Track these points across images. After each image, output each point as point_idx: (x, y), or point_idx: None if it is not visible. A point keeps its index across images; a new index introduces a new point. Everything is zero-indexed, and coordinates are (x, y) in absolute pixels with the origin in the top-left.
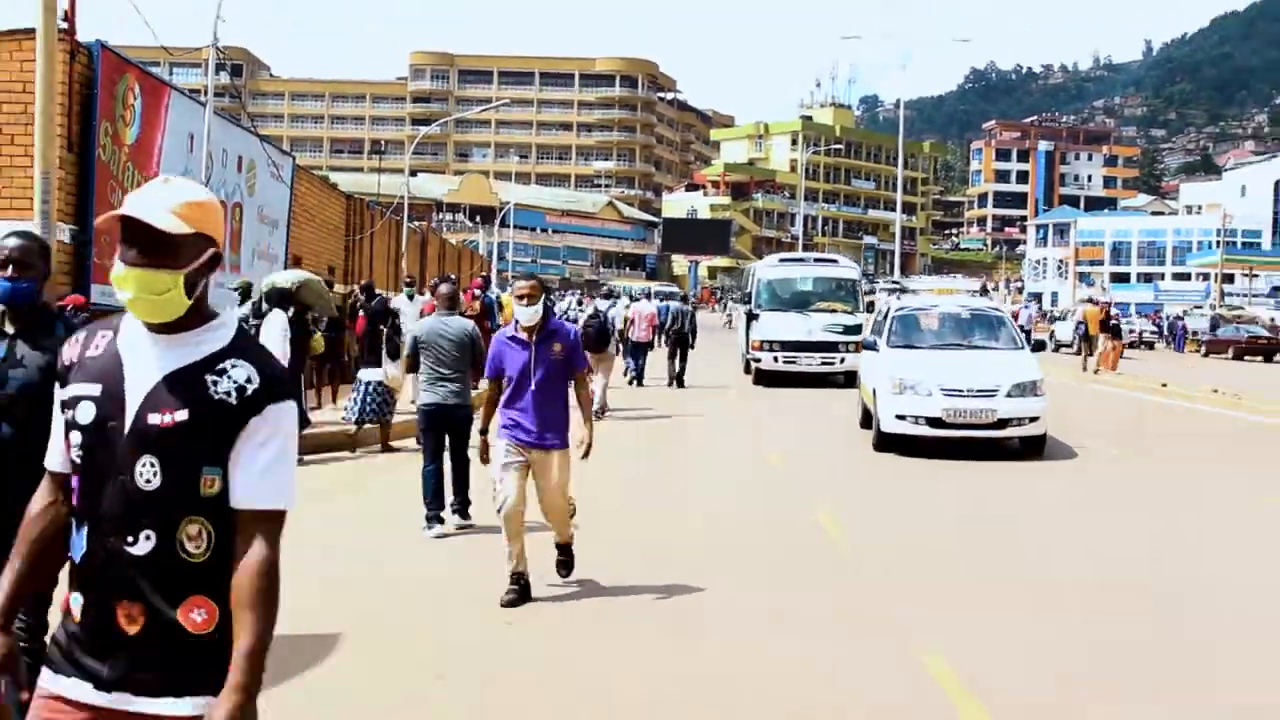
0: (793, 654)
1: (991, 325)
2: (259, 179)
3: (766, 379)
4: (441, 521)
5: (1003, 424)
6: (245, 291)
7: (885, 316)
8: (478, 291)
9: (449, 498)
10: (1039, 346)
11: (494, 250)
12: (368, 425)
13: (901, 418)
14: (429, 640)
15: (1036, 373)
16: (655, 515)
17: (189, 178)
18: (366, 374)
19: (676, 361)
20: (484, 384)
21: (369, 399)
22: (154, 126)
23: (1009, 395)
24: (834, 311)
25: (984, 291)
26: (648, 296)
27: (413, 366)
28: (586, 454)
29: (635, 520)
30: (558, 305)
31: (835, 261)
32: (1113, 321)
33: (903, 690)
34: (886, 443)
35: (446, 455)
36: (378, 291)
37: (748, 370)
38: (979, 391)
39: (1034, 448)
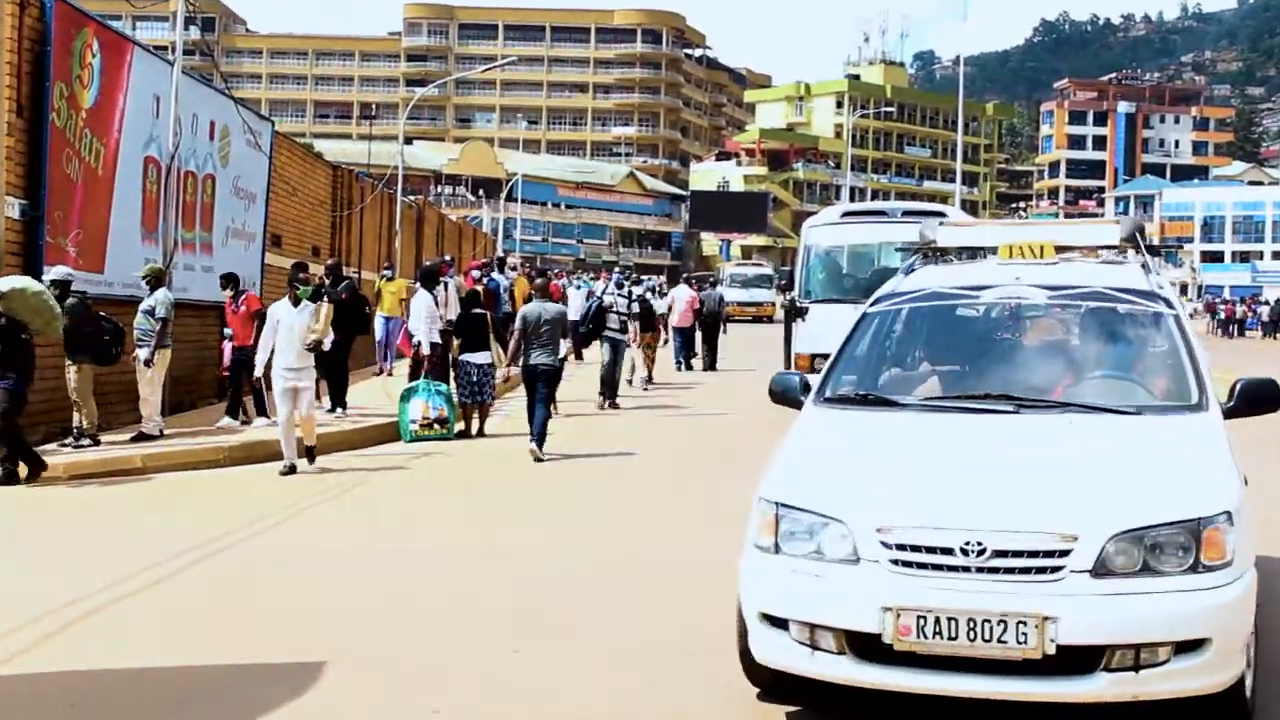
0: None
1: (1131, 345)
2: (234, 147)
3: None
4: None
5: (1074, 661)
6: (158, 278)
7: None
8: (477, 273)
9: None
10: None
11: (499, 227)
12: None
13: (778, 624)
14: (429, 664)
15: (1216, 493)
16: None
17: (155, 144)
18: (472, 357)
19: (705, 347)
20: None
21: (477, 381)
22: (115, 88)
23: (1103, 569)
24: None
25: (1136, 242)
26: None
27: (520, 341)
28: None
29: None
30: (595, 286)
31: (940, 214)
32: None
33: None
34: (761, 678)
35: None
36: (348, 273)
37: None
38: (1007, 553)
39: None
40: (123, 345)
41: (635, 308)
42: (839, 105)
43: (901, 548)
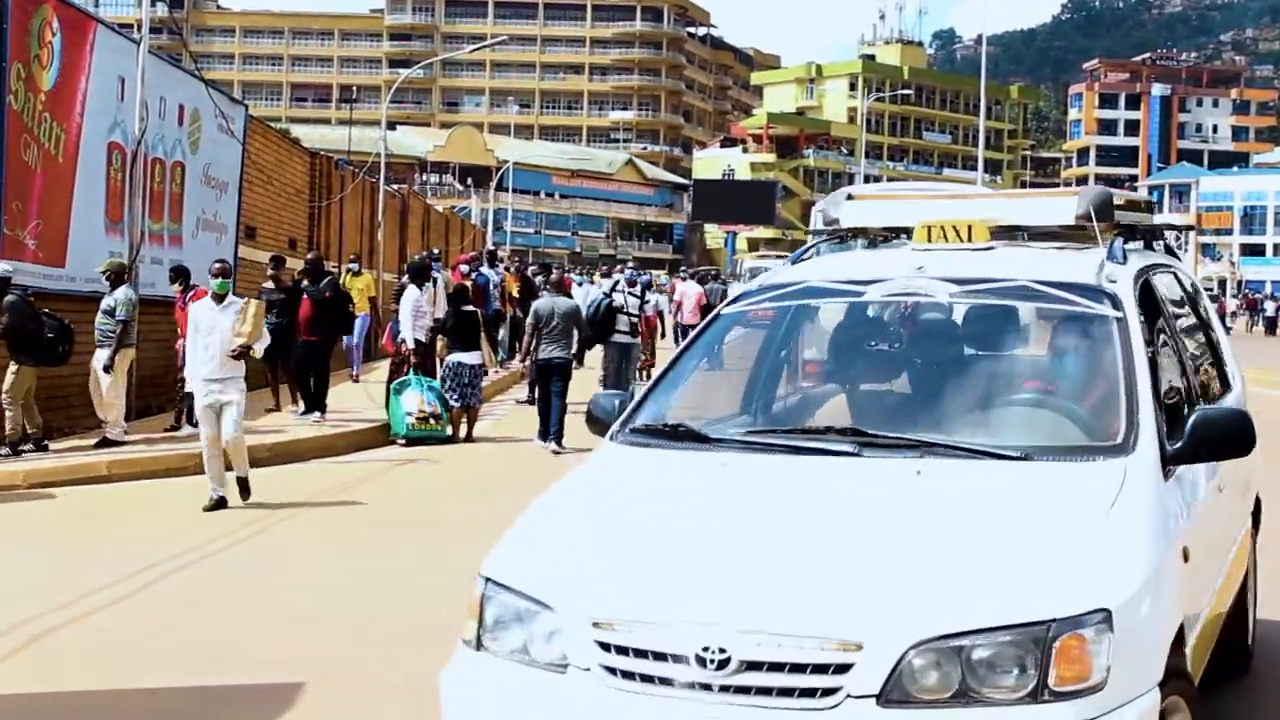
0: None
1: (1051, 359)
2: (204, 133)
3: None
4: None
5: None
6: (118, 274)
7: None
8: (465, 268)
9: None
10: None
11: (489, 219)
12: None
13: None
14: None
15: (1091, 583)
16: None
17: (120, 129)
18: (460, 356)
19: None
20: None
21: (469, 382)
22: (77, 69)
23: (897, 694)
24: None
25: (1100, 220)
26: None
27: (534, 336)
28: None
29: None
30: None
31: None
32: None
33: None
34: None
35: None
36: (330, 268)
37: None
38: (760, 665)
39: None
40: (70, 345)
41: (648, 309)
42: (852, 88)
43: (622, 651)
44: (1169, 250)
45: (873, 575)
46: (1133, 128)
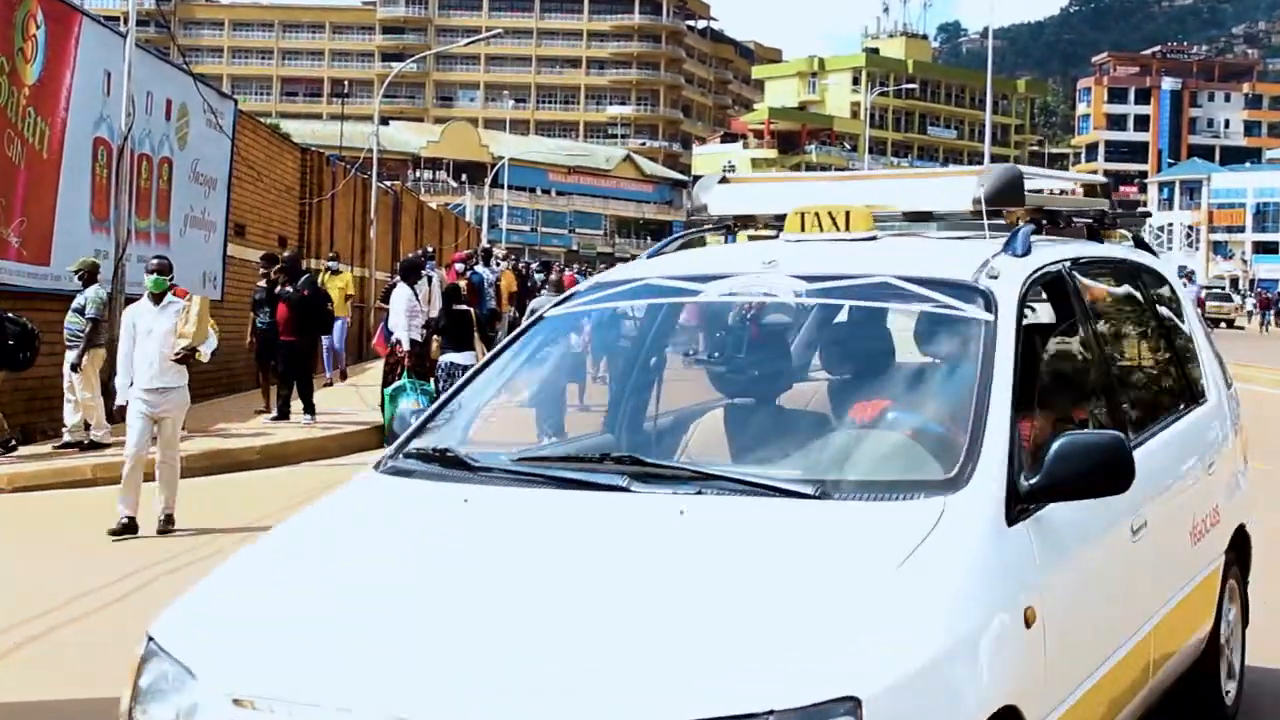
0: None
1: (904, 371)
2: (193, 128)
3: None
4: None
5: None
6: (90, 273)
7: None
8: (460, 266)
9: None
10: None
11: (484, 216)
12: None
13: None
14: None
15: (836, 661)
16: None
17: (106, 124)
18: (453, 357)
19: None
20: None
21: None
22: (62, 63)
23: None
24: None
25: (1006, 204)
26: None
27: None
28: None
29: None
30: None
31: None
32: None
33: None
34: None
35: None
36: (307, 266)
37: None
38: None
39: None
40: (34, 350)
41: None
42: (856, 82)
43: None
44: (1141, 244)
45: (570, 657)
46: (1142, 123)
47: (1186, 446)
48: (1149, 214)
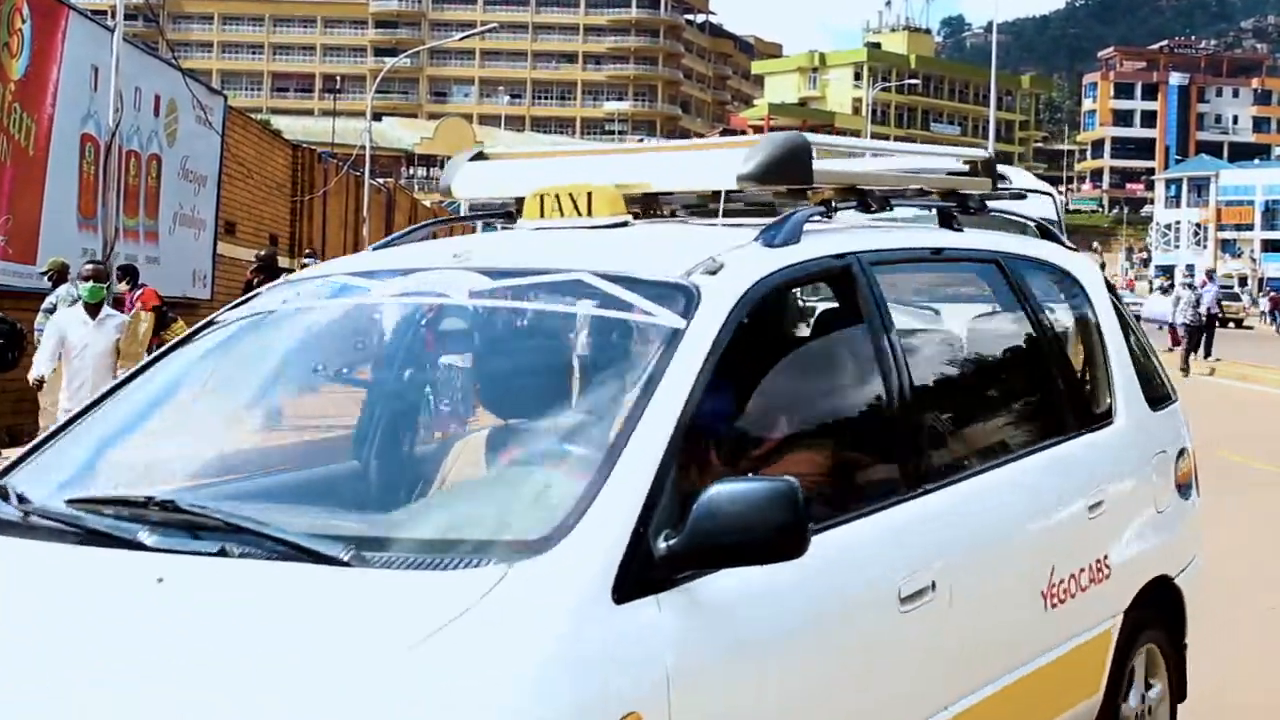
0: None
1: (572, 394)
2: (182, 124)
3: None
4: None
5: None
6: (60, 273)
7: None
8: None
9: None
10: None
11: None
12: None
13: None
14: None
15: None
16: None
17: (93, 120)
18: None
19: None
20: None
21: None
22: (48, 57)
23: None
24: None
25: (775, 184)
26: None
27: None
28: None
29: None
30: None
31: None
32: None
33: None
34: None
35: None
36: (284, 265)
37: None
38: None
39: None
40: (20, 350)
41: None
42: (857, 77)
43: None
44: (1046, 233)
45: None
46: (1149, 119)
47: (1044, 483)
48: (1022, 195)
